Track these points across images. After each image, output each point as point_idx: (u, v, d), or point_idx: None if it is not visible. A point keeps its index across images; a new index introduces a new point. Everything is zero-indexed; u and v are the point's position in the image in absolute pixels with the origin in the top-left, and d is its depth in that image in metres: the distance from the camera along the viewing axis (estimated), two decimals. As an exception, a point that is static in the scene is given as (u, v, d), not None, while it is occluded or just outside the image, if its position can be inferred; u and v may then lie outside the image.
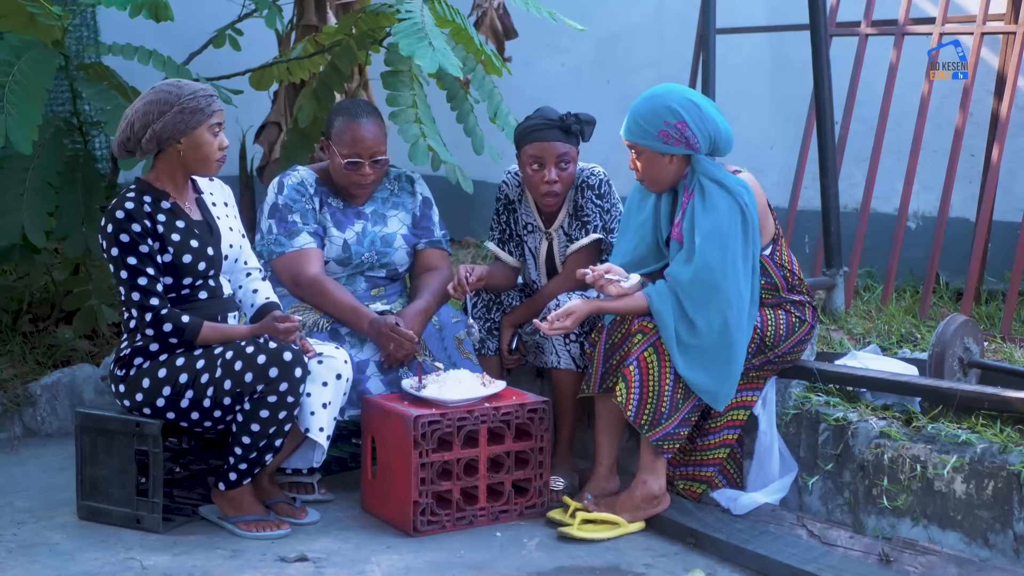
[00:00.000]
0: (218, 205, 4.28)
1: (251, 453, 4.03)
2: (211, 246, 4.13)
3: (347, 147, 4.50)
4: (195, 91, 4.02)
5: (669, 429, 4.08)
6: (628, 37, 7.43)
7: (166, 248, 4.03)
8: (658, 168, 4.15)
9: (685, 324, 4.05)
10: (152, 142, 4.02)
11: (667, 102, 4.10)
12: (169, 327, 3.99)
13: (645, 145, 4.12)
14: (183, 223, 4.08)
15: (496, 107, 5.23)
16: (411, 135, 4.77)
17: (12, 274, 5.87)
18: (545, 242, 4.69)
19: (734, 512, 4.14)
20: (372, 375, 4.40)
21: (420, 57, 4.48)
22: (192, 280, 4.08)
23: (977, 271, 5.50)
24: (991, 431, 3.86)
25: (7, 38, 4.95)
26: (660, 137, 4.08)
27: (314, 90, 5.39)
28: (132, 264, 3.99)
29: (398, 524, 4.15)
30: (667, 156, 4.12)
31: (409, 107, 4.86)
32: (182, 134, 4.02)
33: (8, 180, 5.08)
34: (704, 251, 4.00)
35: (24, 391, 5.15)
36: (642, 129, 4.11)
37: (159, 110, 4.00)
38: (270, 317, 4.09)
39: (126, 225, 3.99)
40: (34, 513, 4.29)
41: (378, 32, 5.25)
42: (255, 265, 4.37)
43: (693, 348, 4.04)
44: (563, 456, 4.57)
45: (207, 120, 4.03)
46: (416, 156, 4.74)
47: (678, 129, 4.07)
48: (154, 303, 4.00)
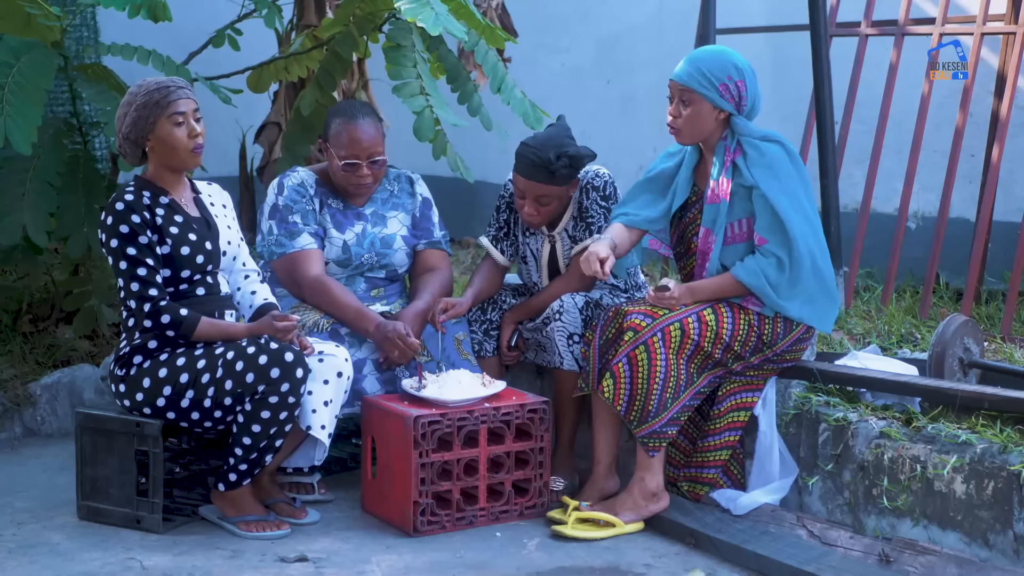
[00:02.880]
0: (216, 206, 4.29)
1: (251, 454, 4.03)
2: (209, 241, 4.14)
3: (344, 148, 4.50)
4: (151, 87, 4.04)
5: (656, 427, 4.09)
6: (628, 37, 7.43)
7: (164, 240, 4.04)
8: (704, 119, 4.17)
9: (784, 283, 4.12)
10: (129, 145, 4.06)
11: (732, 59, 4.16)
12: (167, 319, 3.99)
13: (702, 94, 4.14)
14: (181, 217, 4.10)
15: (500, 80, 5.12)
16: (417, 104, 4.70)
17: (12, 274, 5.87)
18: (548, 244, 4.68)
19: (734, 512, 4.14)
20: (369, 374, 4.40)
21: (424, 20, 4.45)
22: (190, 273, 4.08)
23: (977, 271, 5.49)
24: (991, 431, 3.86)
25: (6, 39, 4.94)
26: (719, 89, 4.12)
27: (316, 79, 5.37)
28: (132, 255, 4.00)
29: (398, 524, 4.15)
30: (716, 110, 4.15)
31: (413, 79, 4.80)
32: (147, 132, 4.03)
33: (9, 181, 5.08)
34: (790, 221, 4.07)
35: (24, 391, 5.15)
36: (705, 78, 4.13)
37: (123, 113, 4.05)
38: (268, 316, 4.09)
39: (126, 216, 4.00)
40: (34, 513, 4.29)
41: (377, 17, 5.23)
42: (253, 267, 4.37)
43: (797, 293, 4.13)
44: (564, 456, 4.57)
45: (164, 112, 4.02)
46: (423, 130, 4.66)
47: (737, 87, 4.13)
48: (153, 294, 4.00)
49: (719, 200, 4.17)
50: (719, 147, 4.20)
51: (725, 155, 4.18)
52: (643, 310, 4.15)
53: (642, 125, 7.18)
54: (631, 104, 7.35)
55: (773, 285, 4.10)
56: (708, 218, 4.20)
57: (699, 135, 4.20)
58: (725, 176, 4.17)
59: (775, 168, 4.12)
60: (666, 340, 4.08)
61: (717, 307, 4.16)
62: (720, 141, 4.20)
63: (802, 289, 4.13)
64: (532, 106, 5.16)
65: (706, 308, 4.15)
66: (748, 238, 4.18)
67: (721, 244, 4.17)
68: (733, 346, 4.15)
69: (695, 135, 4.20)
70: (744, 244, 4.18)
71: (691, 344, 4.10)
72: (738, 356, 4.17)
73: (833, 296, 4.22)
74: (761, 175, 4.12)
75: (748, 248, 4.18)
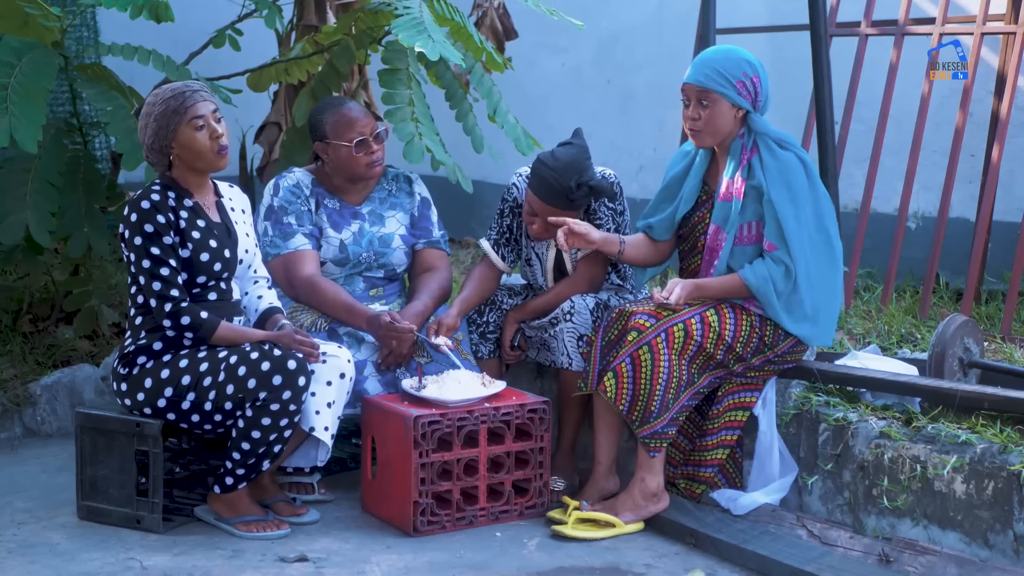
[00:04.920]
0: (236, 211, 4.29)
1: (250, 459, 4.02)
2: (228, 248, 4.14)
3: (348, 132, 4.52)
4: (167, 95, 4.04)
5: (657, 428, 4.09)
6: (628, 37, 7.42)
7: (186, 244, 4.04)
8: (724, 119, 4.16)
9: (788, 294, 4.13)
10: (154, 154, 4.07)
11: (744, 56, 4.17)
12: (187, 320, 3.99)
13: (721, 93, 4.13)
14: (203, 222, 4.10)
15: (495, 105, 5.22)
16: (406, 133, 4.75)
17: (12, 274, 5.88)
18: (553, 248, 4.67)
19: (734, 512, 4.14)
20: (370, 375, 4.40)
21: (422, 46, 4.47)
22: (206, 280, 4.08)
23: (977, 271, 5.49)
24: (991, 431, 3.86)
25: (7, 39, 4.95)
26: (737, 87, 4.12)
27: (312, 89, 5.39)
28: (155, 254, 4.00)
29: (398, 524, 4.15)
30: (735, 108, 4.15)
31: (406, 105, 4.84)
32: (169, 140, 4.03)
33: (11, 181, 5.08)
34: (791, 237, 4.08)
35: (24, 391, 5.15)
36: (722, 76, 4.12)
37: (143, 125, 4.06)
38: (291, 330, 4.09)
39: (151, 215, 4.00)
40: (34, 513, 4.30)
41: (377, 31, 5.25)
42: (264, 275, 4.38)
43: (796, 306, 4.14)
44: (564, 457, 4.57)
45: (184, 119, 4.03)
46: (411, 155, 4.71)
47: (753, 83, 4.14)
48: (175, 294, 4.00)
49: (732, 199, 4.16)
50: (735, 145, 4.19)
51: (742, 153, 4.18)
52: (647, 311, 4.14)
53: (642, 125, 7.18)
54: (631, 104, 7.35)
55: (779, 293, 4.10)
56: (719, 215, 4.20)
57: (720, 135, 4.19)
58: (741, 175, 4.16)
59: (788, 178, 4.12)
60: (669, 341, 4.08)
61: (720, 308, 4.16)
62: (736, 139, 4.19)
63: (798, 302, 4.12)
64: (524, 133, 5.25)
65: (709, 309, 4.15)
66: (758, 241, 4.18)
67: (732, 244, 4.17)
68: (735, 347, 4.15)
69: (717, 136, 4.20)
70: (753, 247, 4.18)
71: (694, 345, 4.10)
72: (739, 357, 4.17)
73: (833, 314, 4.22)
74: (773, 182, 4.11)
75: (756, 251, 4.18)
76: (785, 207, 4.09)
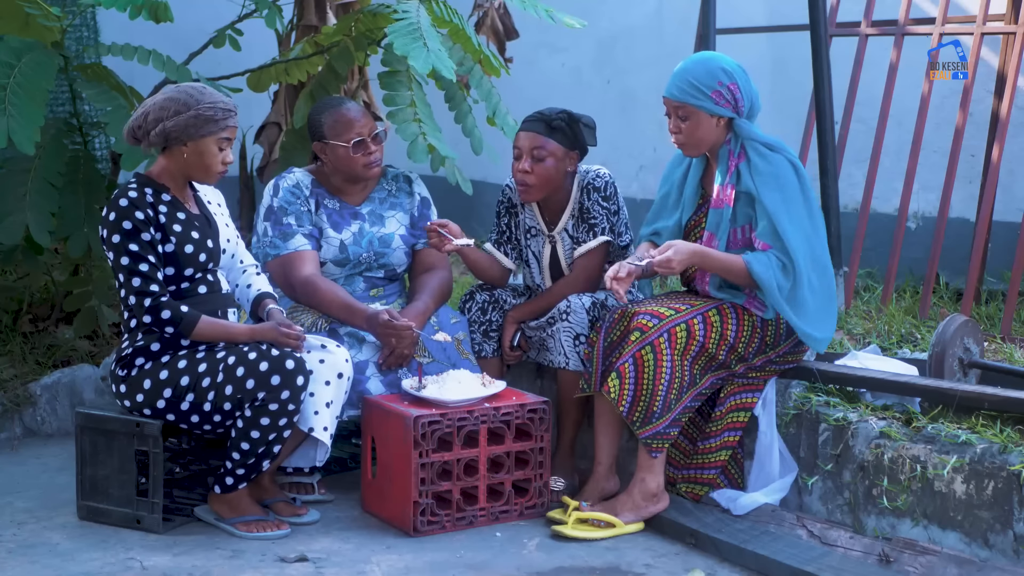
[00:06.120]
0: (212, 204, 4.30)
1: (249, 459, 4.03)
2: (210, 238, 4.15)
3: (346, 132, 4.52)
4: (215, 101, 4.04)
5: (659, 428, 4.09)
6: (628, 37, 7.43)
7: (168, 238, 4.04)
8: (705, 129, 4.15)
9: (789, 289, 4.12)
10: (160, 137, 4.04)
11: (720, 63, 4.14)
12: (167, 315, 3.99)
13: (697, 105, 4.12)
14: (183, 215, 4.10)
15: (495, 107, 5.23)
16: (410, 133, 4.76)
17: (12, 274, 5.88)
18: (548, 246, 4.68)
19: (734, 512, 4.14)
20: (371, 376, 4.40)
21: (414, 58, 4.49)
22: (193, 272, 4.09)
23: (977, 271, 5.49)
24: (991, 431, 3.86)
25: (7, 40, 4.95)
26: (712, 97, 4.10)
27: (311, 91, 5.39)
28: (134, 251, 4.00)
29: (398, 524, 4.16)
30: (715, 118, 4.13)
31: (407, 106, 4.85)
32: (190, 138, 4.03)
33: (11, 181, 5.08)
34: (788, 238, 4.06)
35: (24, 391, 5.15)
36: (696, 89, 4.11)
37: (176, 108, 4.02)
38: (274, 322, 4.09)
39: (129, 213, 4.01)
40: (34, 513, 4.30)
41: (376, 33, 5.25)
42: (251, 262, 4.39)
43: (800, 304, 4.12)
44: (564, 457, 4.57)
45: (218, 132, 4.04)
46: (415, 154, 4.73)
47: (730, 91, 4.11)
48: (154, 289, 4.00)
49: (723, 205, 4.17)
50: (722, 152, 4.19)
51: (729, 160, 4.17)
52: (650, 311, 4.14)
53: (642, 125, 7.18)
54: (631, 104, 7.35)
55: (780, 287, 4.10)
56: (712, 222, 4.20)
57: (704, 145, 4.19)
58: (729, 182, 4.16)
59: (779, 180, 4.11)
60: (672, 341, 4.08)
61: (722, 309, 4.16)
62: (724, 145, 4.19)
63: (802, 300, 4.13)
64: None
65: (711, 309, 4.15)
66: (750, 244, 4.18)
67: (724, 250, 4.17)
68: (737, 347, 4.15)
69: (700, 146, 4.20)
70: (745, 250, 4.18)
71: (696, 345, 4.10)
72: (741, 357, 4.18)
73: (831, 316, 4.21)
74: (764, 184, 4.11)
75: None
76: (777, 207, 4.09)
